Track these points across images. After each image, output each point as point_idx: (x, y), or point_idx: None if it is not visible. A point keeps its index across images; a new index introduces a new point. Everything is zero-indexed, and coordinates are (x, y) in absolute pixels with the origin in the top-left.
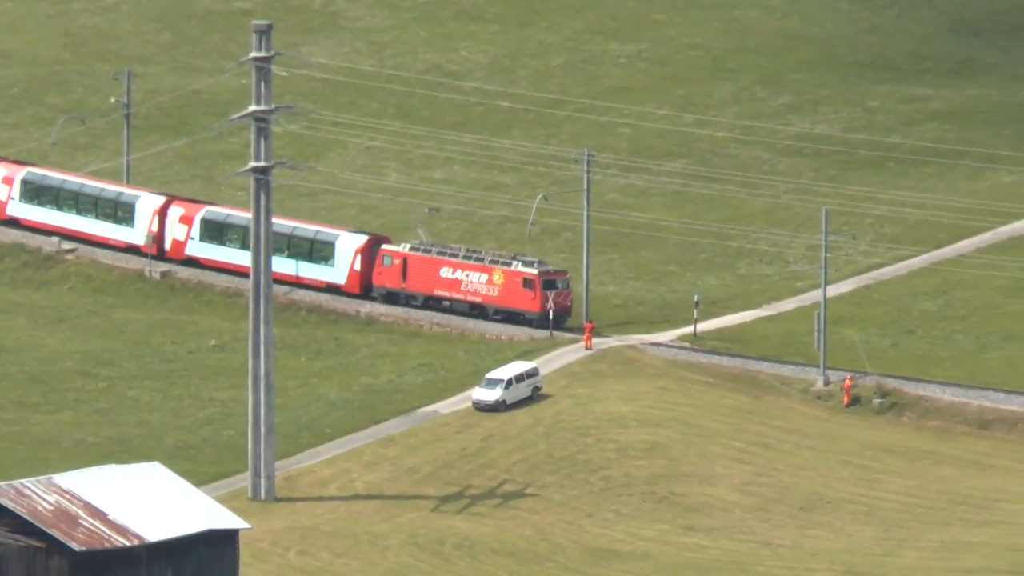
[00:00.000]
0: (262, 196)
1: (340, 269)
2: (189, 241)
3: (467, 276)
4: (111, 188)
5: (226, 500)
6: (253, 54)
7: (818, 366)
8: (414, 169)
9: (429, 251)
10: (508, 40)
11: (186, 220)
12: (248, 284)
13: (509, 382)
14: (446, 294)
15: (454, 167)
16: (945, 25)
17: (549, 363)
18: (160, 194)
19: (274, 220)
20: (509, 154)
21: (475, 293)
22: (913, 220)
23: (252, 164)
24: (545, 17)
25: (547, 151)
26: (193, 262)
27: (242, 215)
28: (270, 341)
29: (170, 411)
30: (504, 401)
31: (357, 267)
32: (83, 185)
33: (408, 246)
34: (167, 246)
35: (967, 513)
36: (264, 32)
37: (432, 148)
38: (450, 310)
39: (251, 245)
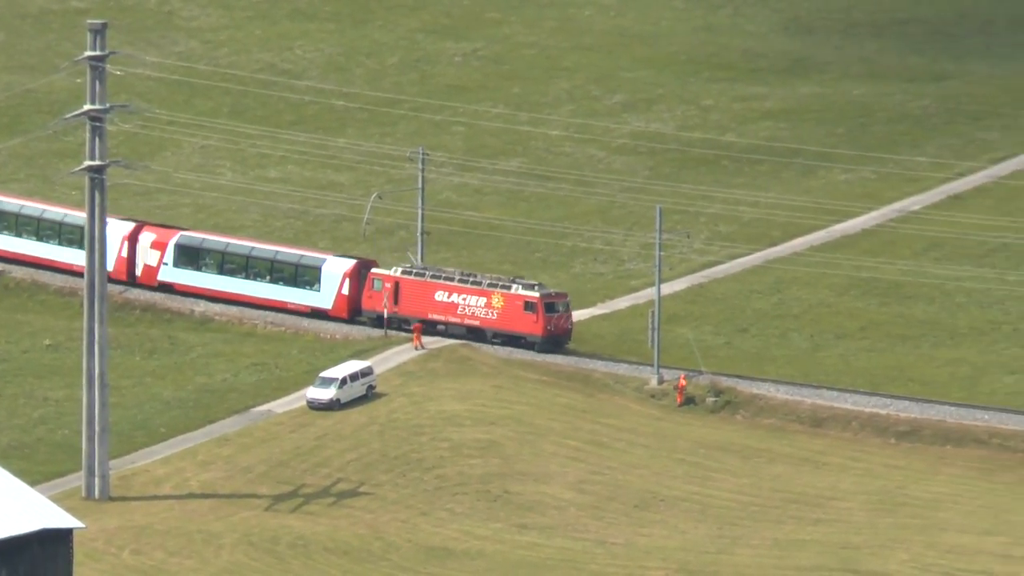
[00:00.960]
0: (97, 195)
1: (327, 294)
2: (162, 267)
3: (464, 299)
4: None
5: (60, 499)
6: (88, 53)
7: (652, 364)
8: (249, 168)
9: (423, 275)
10: (343, 39)
11: (158, 246)
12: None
13: (343, 381)
14: (441, 318)
15: (289, 166)
16: (779, 24)
17: (384, 362)
18: (128, 220)
19: (256, 245)
20: (344, 153)
21: (473, 317)
22: (747, 218)
23: (87, 163)
24: (380, 16)
25: (382, 150)
26: (167, 288)
27: (216, 239)
28: (104, 340)
29: (4, 410)
30: (338, 400)
31: (345, 291)
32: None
33: (400, 269)
34: (138, 272)
35: (800, 511)
36: (99, 31)
37: (267, 147)
38: (446, 334)
39: (85, 244)
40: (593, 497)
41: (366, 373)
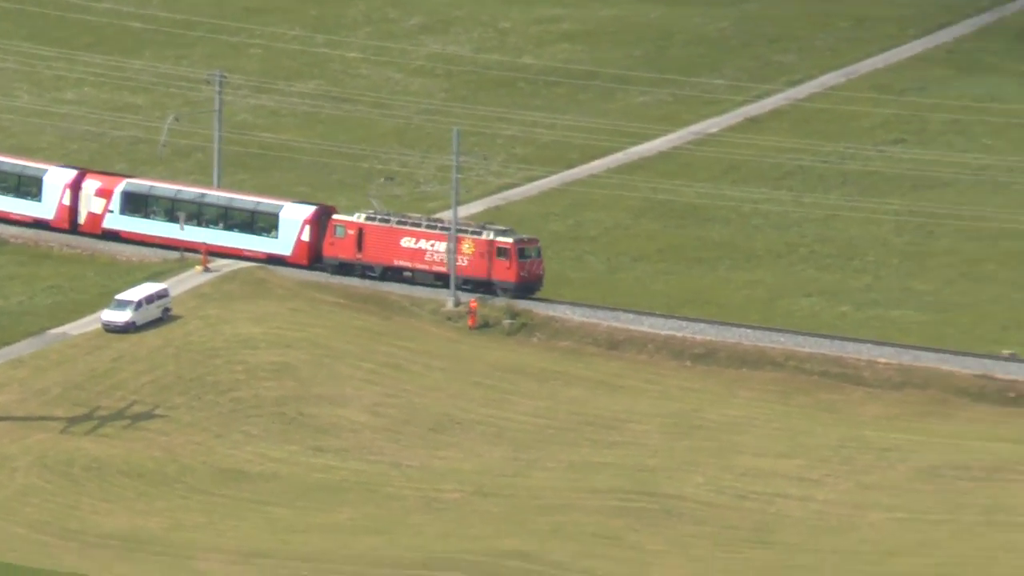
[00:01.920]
0: None
1: (285, 240)
2: (108, 214)
3: (432, 246)
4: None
5: None
6: None
7: (448, 287)
8: (45, 90)
9: (388, 220)
10: None
11: (103, 193)
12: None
13: (139, 303)
14: (408, 264)
15: (85, 88)
16: None
17: (179, 284)
18: (71, 167)
19: (209, 192)
20: (141, 75)
21: (441, 263)
22: (544, 141)
23: None
24: None
25: (179, 72)
26: (112, 235)
27: (166, 186)
28: None
29: None
30: (134, 322)
31: (306, 238)
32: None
33: (363, 216)
34: (81, 220)
35: (596, 433)
36: None
37: (63, 69)
38: (411, 281)
39: None
40: (389, 420)
41: (162, 296)
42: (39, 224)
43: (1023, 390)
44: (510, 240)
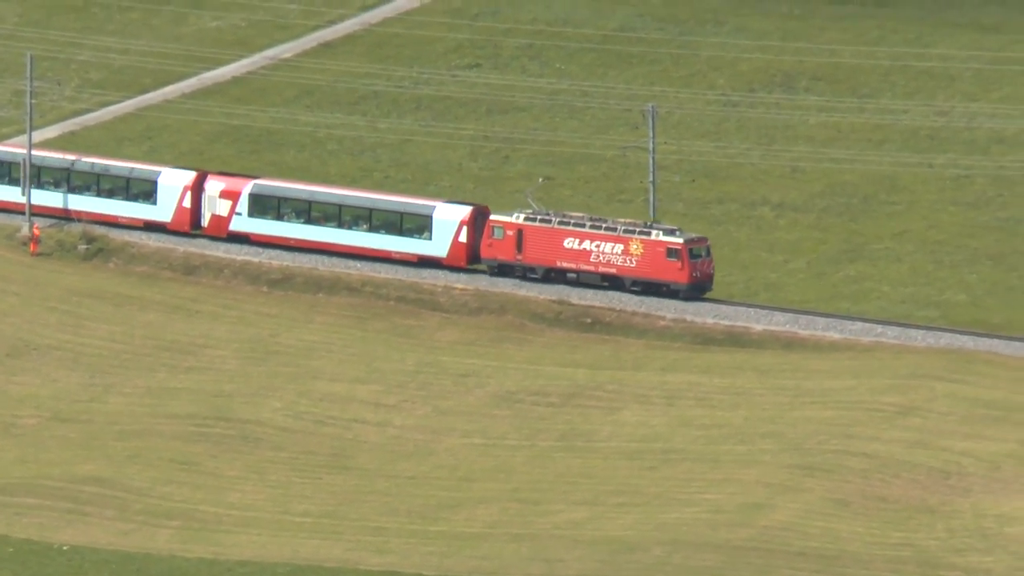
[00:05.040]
0: None
1: (441, 242)
2: (235, 216)
3: (598, 247)
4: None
5: None
6: None
7: (24, 213)
8: None
9: (549, 221)
10: None
11: (229, 195)
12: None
13: None
14: (572, 265)
15: None
16: None
17: None
18: (187, 169)
19: (353, 193)
20: None
21: (608, 264)
22: (118, 65)
23: None
24: None
25: None
26: (240, 238)
27: (299, 187)
28: None
29: None
30: None
31: (463, 239)
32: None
33: (522, 216)
34: (204, 223)
35: (173, 359)
36: None
37: None
38: (576, 282)
39: None
40: None
41: None
42: (152, 227)
43: (599, 316)
44: (680, 241)
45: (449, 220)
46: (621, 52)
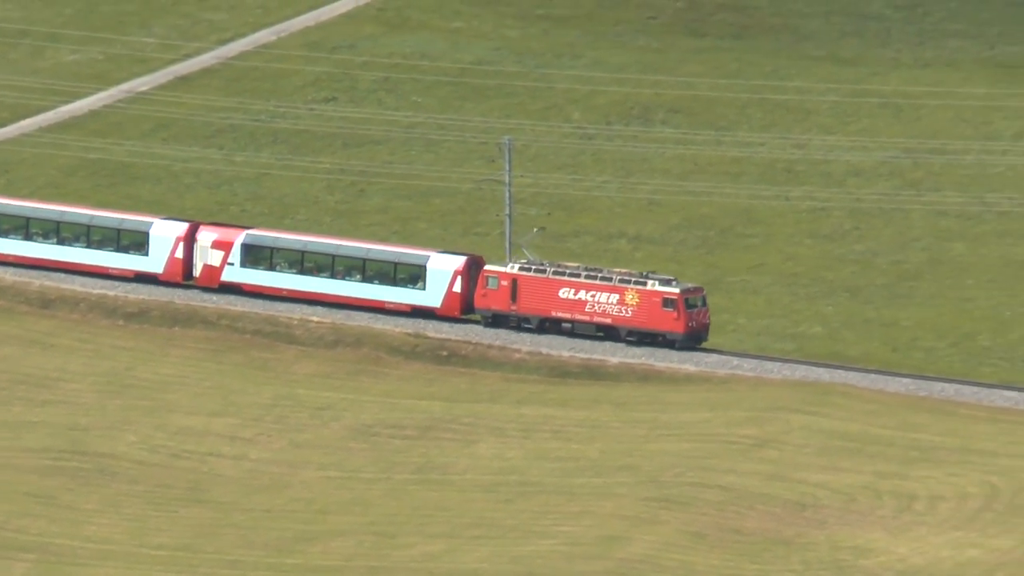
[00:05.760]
0: None
1: (434, 292)
2: (227, 267)
3: (593, 296)
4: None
5: None
6: None
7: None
8: None
9: (544, 271)
10: None
11: (222, 245)
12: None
13: None
14: (567, 315)
15: None
16: None
17: None
18: (179, 219)
19: (349, 244)
20: None
21: (604, 314)
22: None
23: None
24: None
25: None
26: (232, 288)
27: (292, 237)
28: None
29: None
30: None
31: (457, 289)
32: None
33: (516, 266)
34: (196, 273)
35: (29, 392)
36: None
37: None
38: (571, 332)
39: None
40: None
41: None
42: (143, 278)
43: (455, 348)
44: (677, 291)
45: (443, 270)
46: (477, 85)
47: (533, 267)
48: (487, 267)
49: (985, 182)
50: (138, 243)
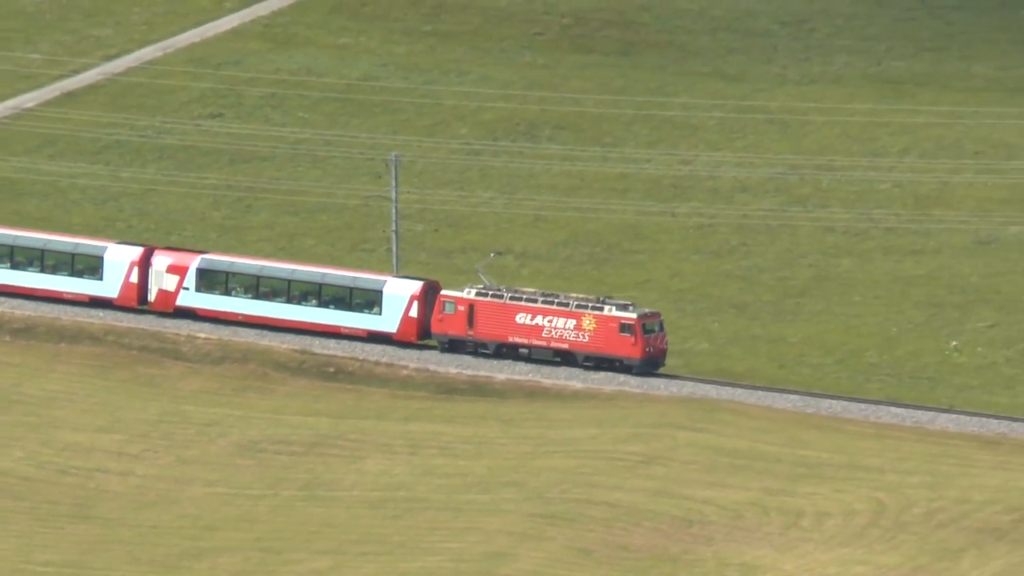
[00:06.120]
0: None
1: (391, 317)
2: (182, 291)
3: (550, 322)
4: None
5: None
6: None
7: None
8: None
9: (501, 296)
10: None
11: (177, 270)
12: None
13: None
14: (524, 341)
15: None
16: None
17: None
18: (133, 244)
19: (305, 268)
20: None
21: (561, 340)
22: None
23: None
24: None
25: None
26: (187, 313)
27: (248, 262)
28: None
29: None
30: None
31: (413, 314)
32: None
33: (474, 291)
34: (151, 298)
35: None
36: None
37: None
38: (528, 358)
39: None
40: None
41: None
42: (98, 303)
43: (341, 365)
44: (634, 316)
45: (399, 295)
46: (364, 101)
47: (490, 292)
48: (443, 292)
49: (871, 198)
50: (92, 267)
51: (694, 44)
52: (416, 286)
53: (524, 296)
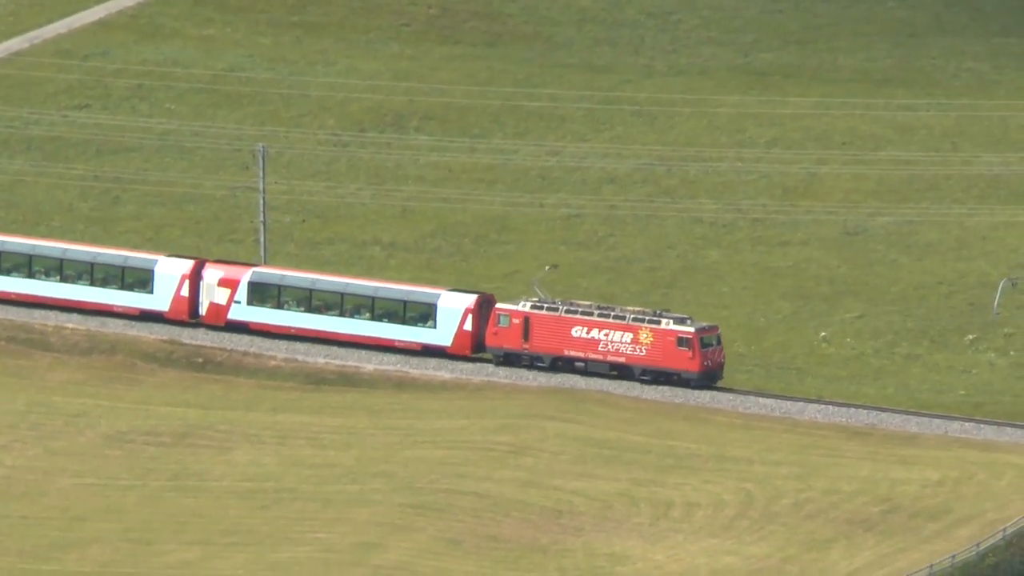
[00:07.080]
0: None
1: (445, 331)
2: (234, 305)
3: (606, 335)
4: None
5: None
6: None
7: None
8: None
9: (556, 309)
10: None
11: (228, 283)
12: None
13: None
14: (580, 354)
15: None
16: None
17: None
18: (183, 257)
19: (356, 281)
20: None
21: (617, 353)
22: None
23: None
24: None
25: None
26: (239, 327)
27: (299, 275)
28: None
29: None
30: None
31: (468, 327)
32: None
33: (528, 304)
34: (203, 311)
35: None
36: None
37: None
38: (584, 371)
39: None
40: None
41: None
42: (148, 316)
43: (210, 356)
44: (692, 330)
45: (454, 308)
46: (231, 92)
47: (545, 305)
48: (499, 305)
49: (739, 189)
50: (143, 280)
51: (561, 35)
52: (471, 299)
53: (580, 309)
